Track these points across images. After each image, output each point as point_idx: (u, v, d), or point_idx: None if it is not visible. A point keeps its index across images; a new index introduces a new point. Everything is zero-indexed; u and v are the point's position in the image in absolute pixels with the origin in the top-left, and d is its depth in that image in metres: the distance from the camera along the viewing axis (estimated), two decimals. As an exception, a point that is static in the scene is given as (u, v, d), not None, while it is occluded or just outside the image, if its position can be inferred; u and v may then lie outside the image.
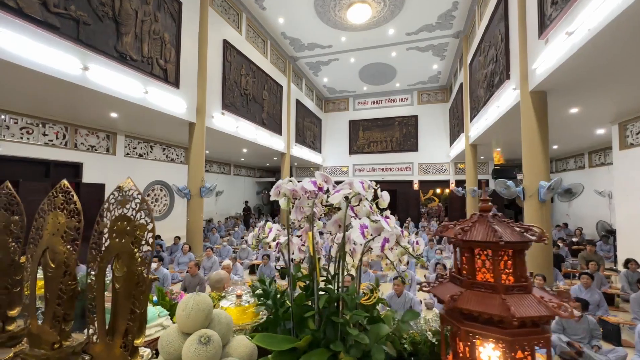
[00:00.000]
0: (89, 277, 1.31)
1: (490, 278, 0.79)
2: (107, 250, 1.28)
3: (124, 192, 1.31)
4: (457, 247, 0.87)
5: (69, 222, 1.41)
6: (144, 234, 1.25)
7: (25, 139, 6.53)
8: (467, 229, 0.82)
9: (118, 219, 1.28)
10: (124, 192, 1.31)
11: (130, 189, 1.30)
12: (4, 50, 3.96)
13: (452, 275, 0.88)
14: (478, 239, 0.79)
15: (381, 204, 1.06)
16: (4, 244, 1.52)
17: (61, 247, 1.39)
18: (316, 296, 0.91)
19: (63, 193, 1.48)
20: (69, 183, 1.79)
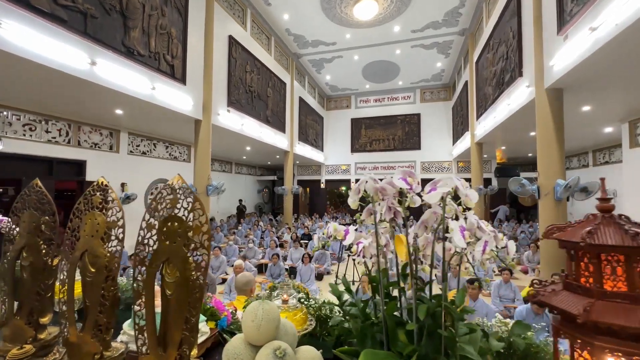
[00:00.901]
0: (135, 283, 1.21)
1: (623, 287, 0.71)
2: (155, 253, 1.18)
3: (174, 190, 1.20)
4: (575, 251, 0.78)
5: (109, 222, 1.30)
6: (198, 236, 1.15)
7: (28, 136, 6.37)
8: (594, 232, 0.73)
9: (168, 219, 1.18)
10: (174, 191, 1.20)
11: (180, 187, 1.20)
12: (10, 43, 3.82)
13: (567, 282, 0.79)
14: (611, 243, 0.70)
15: (467, 202, 0.96)
16: (35, 246, 1.42)
17: (101, 249, 1.28)
18: (415, 306, 0.82)
19: (101, 191, 1.37)
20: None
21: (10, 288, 1.45)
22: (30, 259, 1.42)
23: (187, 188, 1.19)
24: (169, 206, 1.20)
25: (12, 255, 1.47)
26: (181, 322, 1.12)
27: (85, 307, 1.31)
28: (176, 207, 1.19)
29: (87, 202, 1.38)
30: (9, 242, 1.51)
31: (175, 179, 1.21)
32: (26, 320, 1.39)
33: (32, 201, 1.48)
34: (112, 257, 1.26)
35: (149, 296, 1.18)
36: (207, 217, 1.15)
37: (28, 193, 1.50)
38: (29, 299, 1.40)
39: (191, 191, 1.17)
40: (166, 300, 1.16)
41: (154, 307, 1.17)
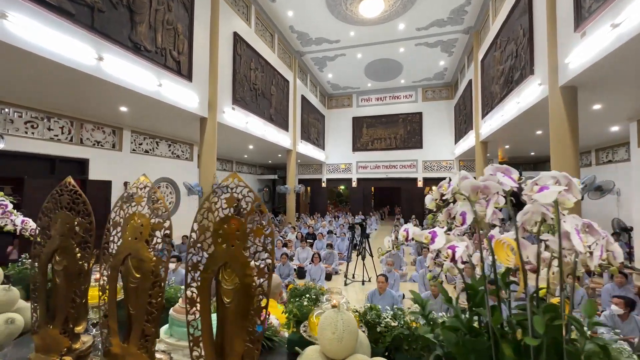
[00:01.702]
0: (189, 289, 1.12)
1: None
2: (211, 258, 1.09)
3: (230, 189, 1.11)
4: None
5: (154, 224, 1.21)
6: (259, 238, 1.05)
7: (30, 134, 6.22)
8: None
9: (224, 220, 1.09)
10: (231, 190, 1.11)
11: (238, 186, 1.11)
12: (17, 36, 3.69)
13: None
14: None
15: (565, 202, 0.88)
16: (69, 249, 1.31)
17: (146, 253, 1.18)
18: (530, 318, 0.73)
19: (143, 189, 1.28)
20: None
21: (43, 294, 1.35)
22: (64, 263, 1.32)
23: (246, 186, 1.09)
24: (225, 206, 1.10)
25: (44, 258, 1.36)
26: (243, 332, 1.02)
27: (129, 316, 1.21)
28: (232, 207, 1.09)
29: (127, 201, 1.28)
30: (38, 244, 1.40)
31: (232, 177, 1.12)
32: (61, 329, 1.29)
33: (65, 201, 1.37)
34: (159, 262, 1.17)
35: (204, 305, 1.08)
36: (269, 217, 1.06)
37: (60, 192, 1.40)
38: (63, 306, 1.29)
39: (250, 190, 1.07)
40: (224, 308, 1.06)
41: (210, 317, 1.08)
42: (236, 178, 1.12)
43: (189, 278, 1.11)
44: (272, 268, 1.01)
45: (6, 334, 1.31)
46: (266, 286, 1.01)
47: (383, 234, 12.87)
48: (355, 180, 18.00)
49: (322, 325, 0.89)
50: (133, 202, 1.26)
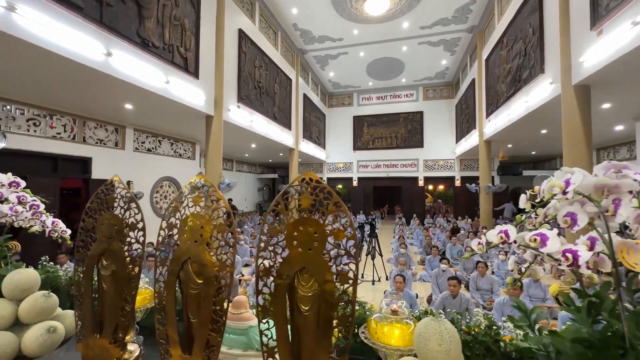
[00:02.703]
0: (261, 297, 1.04)
1: None
2: (286, 263, 1.01)
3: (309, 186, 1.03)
4: None
5: (218, 225, 1.13)
6: (342, 241, 0.98)
7: (32, 132, 6.05)
8: None
9: (300, 222, 1.01)
10: (306, 189, 1.03)
11: (317, 186, 1.04)
12: (25, 30, 3.56)
13: None
14: None
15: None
16: (117, 252, 1.23)
17: (209, 257, 1.10)
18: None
19: (200, 189, 1.19)
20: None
21: (89, 301, 1.26)
22: (112, 268, 1.23)
23: (322, 184, 1.02)
24: (300, 206, 1.03)
25: (89, 263, 1.28)
26: (326, 343, 0.95)
27: (189, 324, 1.13)
28: (310, 209, 1.02)
29: (182, 201, 1.20)
30: (82, 247, 1.31)
31: (306, 175, 1.04)
32: (111, 339, 1.21)
33: (111, 201, 1.29)
34: (224, 266, 1.09)
35: (279, 313, 1.00)
36: (350, 218, 0.99)
37: (105, 192, 1.31)
38: (113, 313, 1.21)
39: (331, 190, 1.00)
40: (301, 317, 0.99)
41: (287, 326, 1.00)
42: (310, 176, 1.04)
43: (260, 284, 1.03)
44: (357, 274, 0.94)
45: (49, 344, 1.22)
46: (351, 293, 0.94)
47: (385, 233, 12.84)
48: (356, 179, 17.96)
49: (424, 336, 0.82)
50: (190, 203, 1.18)
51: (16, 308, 1.28)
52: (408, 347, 1.27)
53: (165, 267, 1.16)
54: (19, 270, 1.32)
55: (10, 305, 1.27)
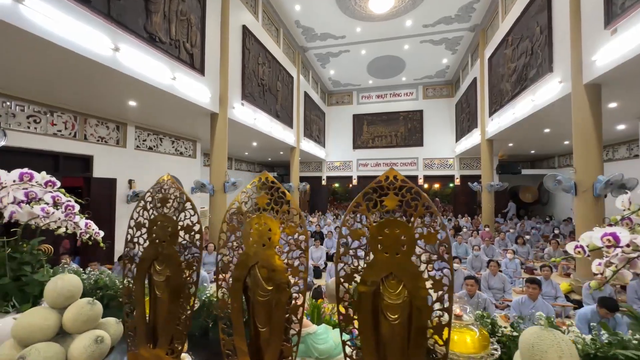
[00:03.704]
0: (342, 305, 0.97)
1: None
2: (371, 268, 0.94)
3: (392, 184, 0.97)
4: None
5: (288, 228, 1.05)
6: (433, 245, 0.91)
7: (32, 129, 5.88)
8: None
9: (384, 224, 0.94)
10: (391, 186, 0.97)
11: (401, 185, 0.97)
12: (33, 22, 3.42)
13: None
14: None
15: None
16: (172, 257, 1.14)
17: (279, 261, 1.03)
18: None
19: (268, 188, 1.12)
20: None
21: (142, 309, 1.18)
22: (167, 273, 1.15)
23: (412, 186, 0.95)
24: (385, 208, 0.96)
25: (140, 268, 1.19)
26: (419, 354, 0.88)
27: (256, 334, 1.05)
28: (395, 210, 0.95)
29: (245, 201, 1.12)
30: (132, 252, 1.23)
31: (392, 173, 0.97)
32: (167, 349, 1.13)
33: (164, 201, 1.20)
34: (296, 271, 1.02)
35: (365, 322, 0.93)
36: (441, 219, 0.92)
37: (157, 190, 1.23)
38: (169, 322, 1.13)
39: (419, 191, 0.93)
40: (388, 326, 0.92)
41: (373, 335, 0.93)
42: (395, 174, 0.98)
43: (342, 291, 0.97)
44: (452, 282, 0.88)
45: (97, 355, 1.14)
46: (446, 300, 0.88)
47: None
48: (356, 177, 17.93)
49: (539, 347, 0.76)
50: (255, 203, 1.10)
51: (59, 317, 1.20)
52: (479, 355, 1.21)
53: (229, 273, 1.08)
54: (61, 276, 1.23)
55: (54, 313, 1.18)
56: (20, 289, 1.40)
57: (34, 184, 1.38)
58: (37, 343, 1.10)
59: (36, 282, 1.39)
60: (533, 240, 9.79)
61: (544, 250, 8.10)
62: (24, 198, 1.36)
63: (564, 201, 14.63)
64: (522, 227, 11.22)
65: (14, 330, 1.10)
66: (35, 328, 1.11)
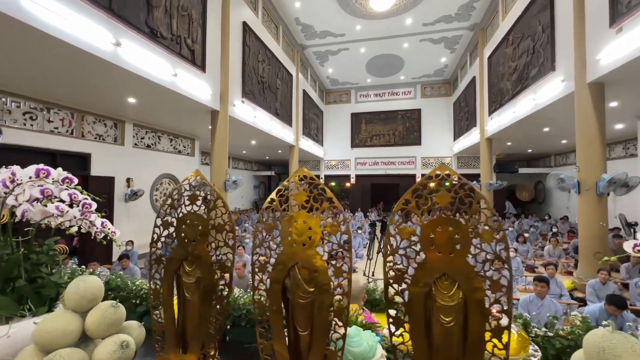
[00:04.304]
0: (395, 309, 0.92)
1: None
2: (421, 268, 0.90)
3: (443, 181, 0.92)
4: None
5: (330, 227, 1.00)
6: (491, 244, 0.87)
7: (28, 126, 5.74)
8: None
9: (437, 222, 0.90)
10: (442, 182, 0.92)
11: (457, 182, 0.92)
12: (34, 15, 3.31)
13: None
14: None
15: None
16: (204, 257, 1.09)
17: (320, 262, 0.98)
18: None
19: (307, 184, 1.07)
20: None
21: (170, 312, 1.12)
22: (197, 274, 1.10)
23: (465, 182, 0.90)
24: (437, 205, 0.91)
25: (168, 269, 1.13)
26: (478, 359, 0.84)
27: (296, 338, 1.00)
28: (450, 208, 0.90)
29: (284, 198, 1.07)
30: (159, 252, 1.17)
31: (441, 170, 0.93)
32: (199, 355, 1.07)
33: (193, 198, 1.15)
34: (339, 272, 0.97)
35: (417, 325, 0.89)
36: (499, 220, 0.88)
37: (185, 187, 1.17)
38: (200, 327, 1.07)
39: (473, 187, 0.89)
40: (441, 330, 0.88)
41: (424, 340, 0.89)
42: (447, 171, 0.93)
43: (391, 293, 0.92)
44: (511, 284, 0.83)
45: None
46: (505, 303, 0.83)
47: (386, 231, 12.83)
48: (354, 176, 17.92)
49: (613, 352, 0.72)
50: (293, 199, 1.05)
51: (82, 321, 1.13)
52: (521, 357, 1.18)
53: (267, 274, 1.03)
54: (83, 277, 1.16)
55: (76, 318, 1.11)
56: (36, 292, 1.33)
57: (49, 181, 1.31)
58: (60, 349, 1.04)
59: (52, 284, 1.32)
60: (532, 238, 9.85)
61: (543, 248, 8.16)
62: (40, 196, 1.29)
63: (559, 200, 14.77)
64: (520, 226, 11.30)
65: (35, 335, 1.04)
66: (58, 333, 1.05)
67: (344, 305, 0.95)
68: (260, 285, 1.03)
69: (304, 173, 1.06)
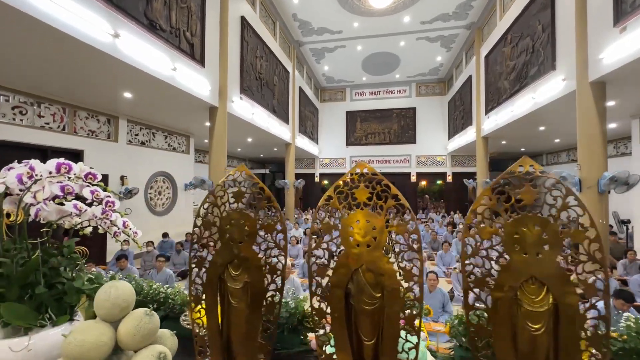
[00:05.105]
0: (473, 314, 0.85)
1: None
2: (506, 271, 0.82)
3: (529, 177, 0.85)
4: None
5: (397, 226, 0.92)
6: (584, 244, 0.80)
7: (18, 121, 5.47)
8: None
9: (521, 221, 0.82)
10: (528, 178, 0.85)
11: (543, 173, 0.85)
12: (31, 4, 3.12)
13: None
14: None
15: None
16: (252, 260, 0.99)
17: (387, 265, 0.90)
18: None
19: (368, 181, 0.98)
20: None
21: (215, 321, 1.02)
22: (245, 278, 1.00)
23: (549, 174, 0.83)
24: (521, 202, 0.84)
25: (211, 273, 1.03)
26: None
27: (359, 346, 0.92)
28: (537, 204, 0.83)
29: (344, 195, 0.98)
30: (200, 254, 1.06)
31: (526, 162, 0.86)
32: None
33: (239, 195, 1.05)
34: (409, 275, 0.89)
35: (503, 334, 0.81)
36: (589, 214, 0.81)
37: (229, 184, 1.07)
38: (248, 335, 0.98)
39: (559, 180, 0.82)
40: (529, 337, 0.81)
41: (509, 345, 0.82)
42: (531, 164, 0.86)
43: (471, 297, 0.84)
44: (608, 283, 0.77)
45: (161, 375, 0.98)
46: (603, 309, 0.77)
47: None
48: (349, 175, 17.84)
49: None
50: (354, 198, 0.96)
51: (114, 331, 1.03)
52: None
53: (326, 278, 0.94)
54: (113, 283, 1.06)
55: (108, 328, 1.01)
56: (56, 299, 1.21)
57: (71, 177, 1.19)
58: (92, 364, 0.93)
59: (74, 290, 1.21)
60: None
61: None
62: (60, 193, 1.17)
63: (551, 198, 15.02)
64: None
65: (65, 349, 0.93)
66: (91, 346, 0.94)
67: (416, 314, 0.87)
68: (318, 290, 0.94)
69: (364, 168, 0.98)
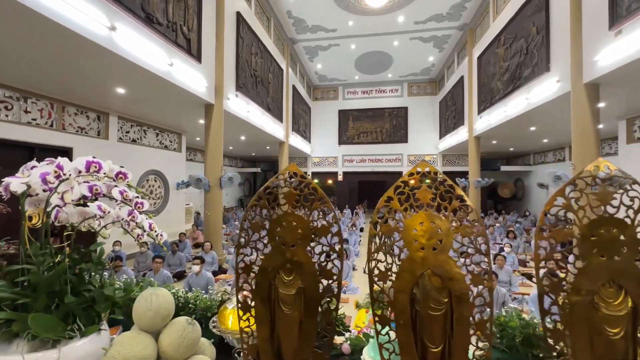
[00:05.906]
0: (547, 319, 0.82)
1: None
2: (582, 274, 0.79)
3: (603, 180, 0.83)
4: None
5: (463, 228, 0.88)
6: None
7: (3, 117, 5.21)
8: None
9: (599, 222, 0.80)
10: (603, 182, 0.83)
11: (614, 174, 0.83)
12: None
13: None
14: None
15: None
16: (306, 265, 0.94)
17: (456, 268, 0.86)
18: None
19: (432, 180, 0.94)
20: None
21: (265, 330, 0.96)
22: (298, 284, 0.95)
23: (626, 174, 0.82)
24: (596, 204, 0.82)
25: (261, 279, 0.97)
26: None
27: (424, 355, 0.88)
28: (609, 205, 0.81)
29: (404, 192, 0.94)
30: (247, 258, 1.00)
31: (601, 163, 0.83)
32: (305, 378, 0.92)
33: (290, 197, 0.99)
34: (478, 279, 0.85)
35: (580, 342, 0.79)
36: None
37: (279, 184, 1.01)
38: (303, 345, 0.93)
39: (635, 180, 0.80)
40: (605, 342, 0.78)
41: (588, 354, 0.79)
42: (606, 164, 0.84)
43: (547, 303, 0.81)
44: (688, 287, 0.75)
45: (207, 388, 0.92)
46: (683, 311, 0.75)
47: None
48: (341, 173, 17.90)
49: None
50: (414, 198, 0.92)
51: (155, 342, 0.96)
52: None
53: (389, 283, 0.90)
54: (154, 291, 0.99)
55: (150, 339, 0.94)
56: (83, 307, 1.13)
57: (101, 176, 1.11)
58: (137, 379, 0.87)
59: (104, 298, 1.12)
60: (517, 233, 10.22)
61: (530, 243, 8.46)
62: (88, 194, 1.09)
63: (537, 196, 15.44)
64: (504, 221, 11.70)
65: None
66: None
67: (487, 319, 0.83)
68: (380, 296, 0.90)
69: (426, 167, 0.94)
